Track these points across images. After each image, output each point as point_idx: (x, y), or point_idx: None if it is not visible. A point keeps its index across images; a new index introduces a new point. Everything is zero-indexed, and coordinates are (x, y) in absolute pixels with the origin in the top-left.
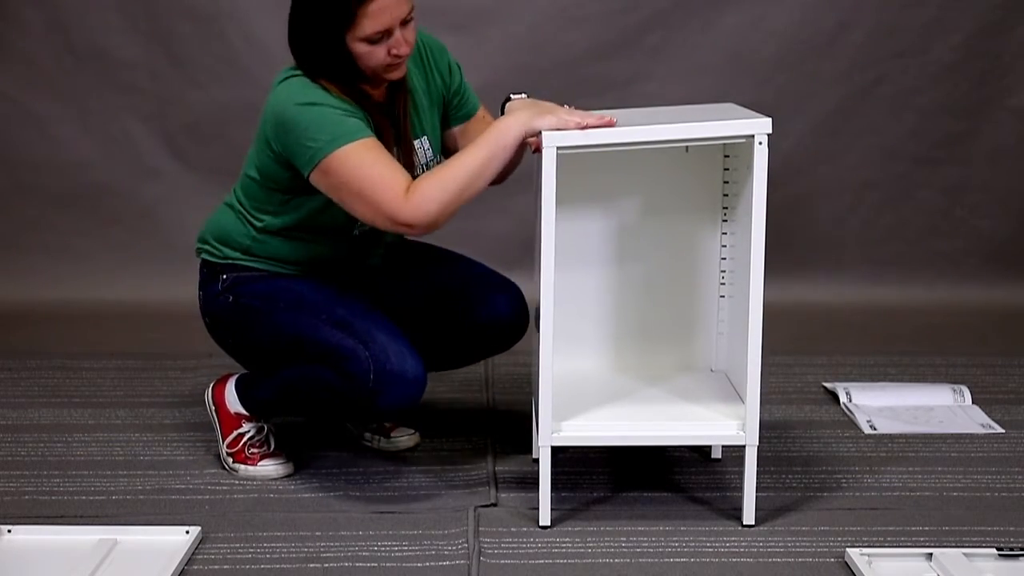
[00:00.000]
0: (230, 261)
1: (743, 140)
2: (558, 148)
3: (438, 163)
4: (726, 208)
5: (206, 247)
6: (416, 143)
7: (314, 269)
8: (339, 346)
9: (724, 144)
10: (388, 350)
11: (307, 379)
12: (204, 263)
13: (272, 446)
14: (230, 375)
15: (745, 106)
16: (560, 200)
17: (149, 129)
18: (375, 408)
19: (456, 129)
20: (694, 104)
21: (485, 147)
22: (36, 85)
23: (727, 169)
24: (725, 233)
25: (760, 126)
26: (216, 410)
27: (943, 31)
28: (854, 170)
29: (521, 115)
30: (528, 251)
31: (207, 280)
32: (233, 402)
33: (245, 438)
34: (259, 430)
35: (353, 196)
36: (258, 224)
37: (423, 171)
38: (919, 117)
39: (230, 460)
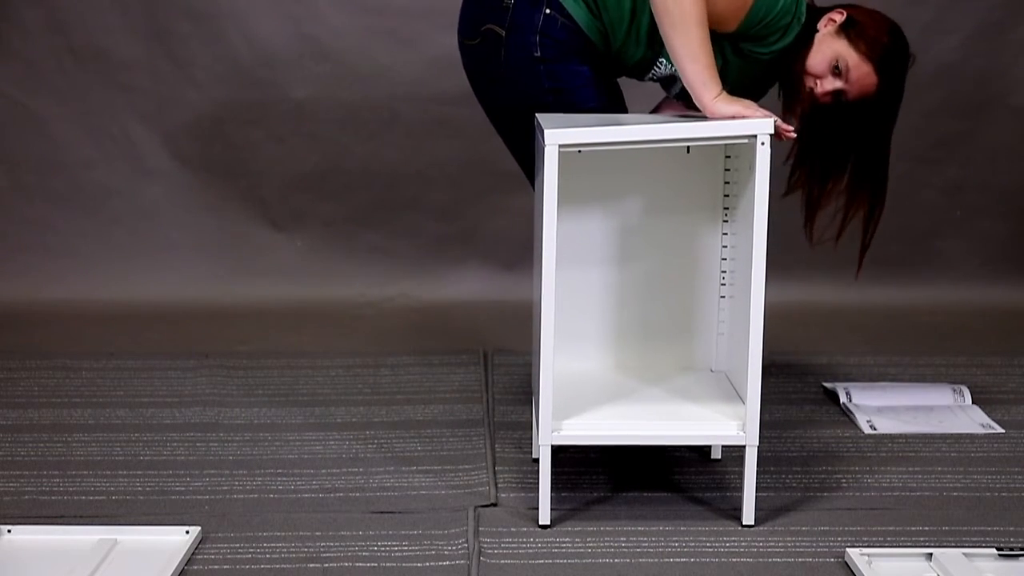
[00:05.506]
0: None
1: (745, 140)
2: (559, 146)
3: None
4: (727, 208)
5: None
6: None
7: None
8: None
9: (726, 144)
10: None
11: None
12: None
13: None
14: None
15: None
16: (561, 199)
17: (149, 129)
18: None
19: None
20: None
21: (700, 60)
22: (36, 85)
23: (728, 169)
24: (726, 233)
25: (762, 126)
26: None
27: (943, 31)
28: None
29: (722, 105)
30: (528, 251)
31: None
32: None
33: None
34: None
35: None
36: None
37: None
38: (919, 117)
39: None
